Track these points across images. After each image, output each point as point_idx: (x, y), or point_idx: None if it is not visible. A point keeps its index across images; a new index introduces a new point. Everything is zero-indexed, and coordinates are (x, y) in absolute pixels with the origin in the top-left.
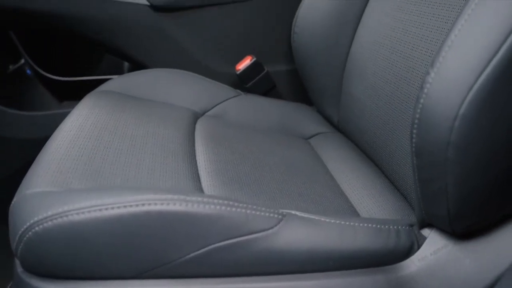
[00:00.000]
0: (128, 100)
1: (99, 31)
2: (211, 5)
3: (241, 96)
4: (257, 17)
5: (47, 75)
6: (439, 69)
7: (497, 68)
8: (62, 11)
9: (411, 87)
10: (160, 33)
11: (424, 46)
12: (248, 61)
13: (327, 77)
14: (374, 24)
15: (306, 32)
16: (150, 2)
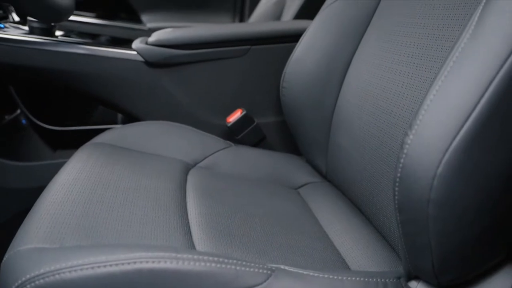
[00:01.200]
0: (122, 153)
1: (95, 86)
2: (203, 61)
3: (232, 147)
4: (247, 72)
5: (41, 125)
6: (417, 131)
7: (471, 130)
8: (60, 67)
9: (395, 142)
10: (154, 87)
11: (404, 104)
12: (239, 113)
13: (315, 129)
14: (358, 81)
15: (294, 87)
16: (145, 59)
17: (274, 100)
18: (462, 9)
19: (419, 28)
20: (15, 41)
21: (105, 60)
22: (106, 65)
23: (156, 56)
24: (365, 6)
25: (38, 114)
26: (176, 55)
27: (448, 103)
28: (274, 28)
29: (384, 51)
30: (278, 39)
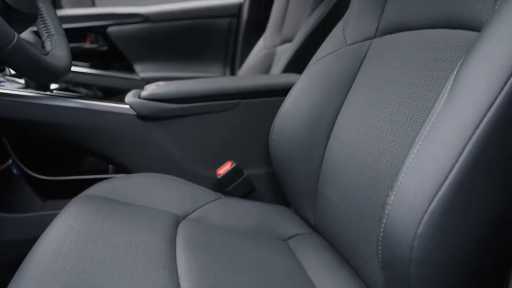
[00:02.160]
0: (112, 205)
1: (87, 139)
2: (194, 115)
3: (222, 199)
4: (237, 125)
5: (32, 175)
6: (397, 192)
7: (449, 191)
8: (54, 121)
9: (380, 197)
10: (145, 140)
11: (388, 160)
12: (229, 166)
13: (303, 181)
14: (344, 135)
15: (283, 139)
16: (138, 113)
17: (263, 152)
18: (439, 71)
19: (400, 87)
20: (10, 96)
21: (98, 114)
22: (99, 119)
23: (149, 110)
24: (350, 64)
25: (29, 163)
26: (168, 109)
27: (425, 166)
28: (263, 83)
29: (368, 107)
30: (267, 93)
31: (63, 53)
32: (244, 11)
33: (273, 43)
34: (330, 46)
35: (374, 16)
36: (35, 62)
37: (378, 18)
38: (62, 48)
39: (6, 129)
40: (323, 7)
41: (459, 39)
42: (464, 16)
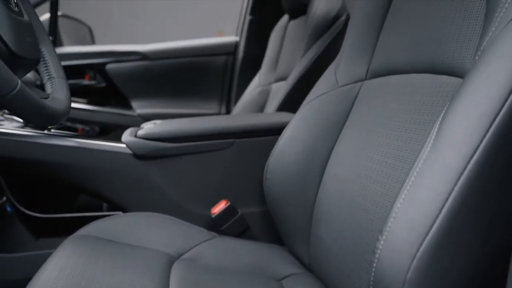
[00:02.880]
0: (106, 245)
1: (83, 178)
2: (189, 154)
3: (216, 238)
4: (231, 164)
5: (26, 212)
6: (386, 237)
7: (437, 236)
8: (51, 160)
9: (372, 238)
10: (140, 179)
11: (379, 201)
12: (223, 205)
13: (297, 220)
14: (337, 175)
15: (277, 178)
16: (134, 152)
17: (258, 191)
18: (426, 115)
19: (390, 129)
20: (8, 135)
21: (95, 153)
22: (96, 158)
23: (145, 149)
24: (342, 105)
25: (23, 200)
26: (163, 148)
27: (413, 211)
28: (258, 122)
29: (360, 148)
30: (262, 132)
31: (63, 96)
32: (240, 49)
33: (268, 80)
34: (322, 87)
35: (364, 60)
36: (36, 107)
37: (368, 62)
38: (62, 90)
39: (3, 167)
40: (316, 48)
41: (444, 85)
42: (448, 63)
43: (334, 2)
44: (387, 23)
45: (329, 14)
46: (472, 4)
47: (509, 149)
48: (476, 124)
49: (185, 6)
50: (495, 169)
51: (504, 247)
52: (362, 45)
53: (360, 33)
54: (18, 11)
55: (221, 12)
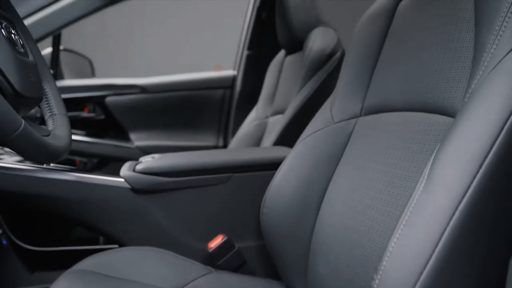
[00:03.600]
0: (102, 281)
1: (81, 212)
2: (187, 188)
3: (212, 273)
4: (229, 198)
5: (22, 245)
6: (381, 276)
7: (430, 276)
8: (49, 194)
9: (368, 274)
10: (138, 213)
11: (375, 238)
12: (220, 239)
13: (294, 254)
14: (333, 210)
15: (274, 213)
16: (132, 186)
17: (255, 225)
18: (419, 153)
19: (384, 166)
20: (6, 169)
21: (93, 187)
22: (94, 192)
23: (143, 184)
24: (337, 141)
25: (19, 233)
26: (161, 183)
27: (407, 251)
28: (255, 157)
29: (355, 184)
30: (259, 167)
31: (64, 132)
32: (237, 83)
33: (265, 114)
34: (318, 124)
35: (359, 97)
36: (37, 146)
37: (363, 99)
38: (63, 127)
39: (0, 200)
40: (312, 83)
41: (436, 123)
42: (440, 102)
43: (330, 39)
44: (380, 62)
45: (325, 51)
46: (460, 48)
47: (499, 190)
48: (466, 165)
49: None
50: (486, 210)
51: (497, 285)
52: (356, 83)
53: (354, 71)
54: (23, 52)
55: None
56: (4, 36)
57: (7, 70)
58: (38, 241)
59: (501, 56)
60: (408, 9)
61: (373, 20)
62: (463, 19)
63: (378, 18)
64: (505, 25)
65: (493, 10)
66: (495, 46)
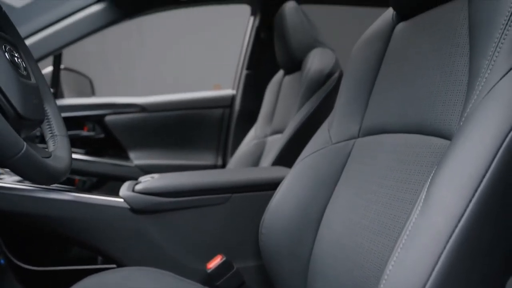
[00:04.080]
0: None
1: (80, 231)
2: (186, 208)
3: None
4: (228, 218)
5: (20, 265)
6: None
7: None
8: (48, 213)
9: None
10: (137, 233)
11: (373, 259)
12: (219, 260)
13: (292, 275)
14: (332, 231)
15: (272, 233)
16: (131, 206)
17: (253, 245)
18: (416, 175)
19: (382, 187)
20: (6, 189)
21: (93, 207)
22: (93, 212)
23: (142, 203)
24: (335, 162)
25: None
26: (161, 203)
27: (404, 274)
28: (254, 177)
29: (354, 205)
30: (258, 187)
31: (65, 154)
32: (237, 102)
33: (264, 133)
34: (316, 144)
35: (356, 118)
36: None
37: (360, 120)
38: (64, 149)
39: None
40: (310, 104)
41: (433, 146)
42: (436, 124)
43: (328, 59)
44: (377, 85)
45: (323, 71)
46: (456, 71)
47: (495, 213)
48: (462, 189)
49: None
50: (482, 234)
51: None
52: (354, 104)
53: (352, 93)
54: (26, 75)
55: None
56: (7, 60)
57: (10, 93)
58: (37, 261)
59: (495, 81)
60: (404, 32)
61: (370, 43)
62: (457, 44)
63: (375, 40)
64: (498, 50)
65: (486, 36)
66: (489, 71)
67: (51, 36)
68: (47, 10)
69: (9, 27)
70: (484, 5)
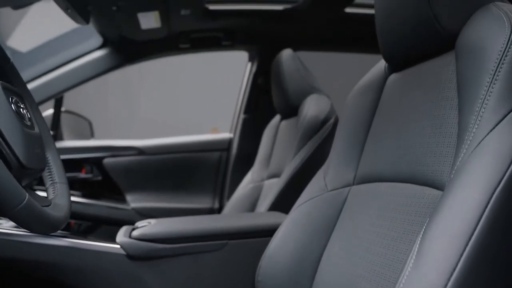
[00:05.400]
0: None
1: (75, 278)
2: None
3: None
4: (224, 265)
5: None
6: None
7: None
8: (44, 259)
9: None
10: (133, 279)
11: None
12: None
13: None
14: (328, 279)
15: (268, 281)
16: (127, 252)
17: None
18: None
19: (377, 236)
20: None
21: (89, 253)
22: (89, 258)
23: (139, 250)
24: (331, 209)
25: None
26: (157, 249)
27: None
28: (250, 224)
29: (349, 253)
30: (254, 234)
31: (64, 202)
32: (234, 146)
33: (261, 177)
34: (312, 191)
35: (351, 166)
36: (39, 218)
37: (355, 168)
38: (64, 197)
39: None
40: (307, 149)
41: (426, 196)
42: (428, 174)
43: (323, 106)
44: (371, 134)
45: (319, 117)
46: (446, 124)
47: (486, 267)
48: (453, 243)
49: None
50: (476, 285)
51: None
52: (349, 153)
53: (346, 142)
54: (30, 125)
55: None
56: (13, 111)
57: (14, 143)
58: None
59: (482, 136)
60: (397, 83)
61: (364, 92)
62: (447, 97)
63: (368, 91)
64: (484, 107)
65: (473, 93)
66: (477, 126)
67: (54, 80)
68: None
69: (17, 78)
70: (469, 63)
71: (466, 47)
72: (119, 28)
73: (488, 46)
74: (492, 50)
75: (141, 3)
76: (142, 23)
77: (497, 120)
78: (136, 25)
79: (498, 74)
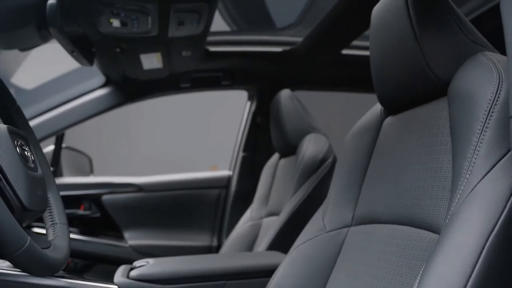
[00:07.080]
0: None
1: None
2: None
3: None
4: None
5: None
6: None
7: None
8: None
9: None
10: None
11: None
12: None
13: None
14: None
15: None
16: None
17: None
18: (407, 267)
19: (373, 278)
20: None
21: None
22: None
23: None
24: (330, 250)
25: None
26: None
27: None
28: (248, 264)
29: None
30: (252, 274)
31: (64, 243)
32: (233, 183)
33: (259, 215)
34: (311, 232)
35: (349, 207)
36: (39, 261)
37: (353, 209)
38: (63, 238)
39: None
40: (305, 188)
41: (423, 239)
42: (425, 217)
43: (321, 145)
44: (368, 175)
45: (317, 157)
46: (440, 168)
47: None
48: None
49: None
50: None
51: None
52: (347, 194)
53: (344, 183)
54: (33, 167)
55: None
56: (18, 154)
57: (17, 186)
58: None
59: (475, 182)
60: (392, 126)
61: (361, 135)
62: (441, 142)
63: (365, 133)
64: (476, 153)
65: (465, 139)
66: (469, 172)
67: (57, 117)
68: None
69: (22, 120)
70: (461, 110)
71: (457, 95)
72: (122, 68)
73: (478, 95)
74: (482, 99)
75: (144, 45)
76: (144, 63)
77: (489, 167)
78: (138, 66)
79: (488, 122)
